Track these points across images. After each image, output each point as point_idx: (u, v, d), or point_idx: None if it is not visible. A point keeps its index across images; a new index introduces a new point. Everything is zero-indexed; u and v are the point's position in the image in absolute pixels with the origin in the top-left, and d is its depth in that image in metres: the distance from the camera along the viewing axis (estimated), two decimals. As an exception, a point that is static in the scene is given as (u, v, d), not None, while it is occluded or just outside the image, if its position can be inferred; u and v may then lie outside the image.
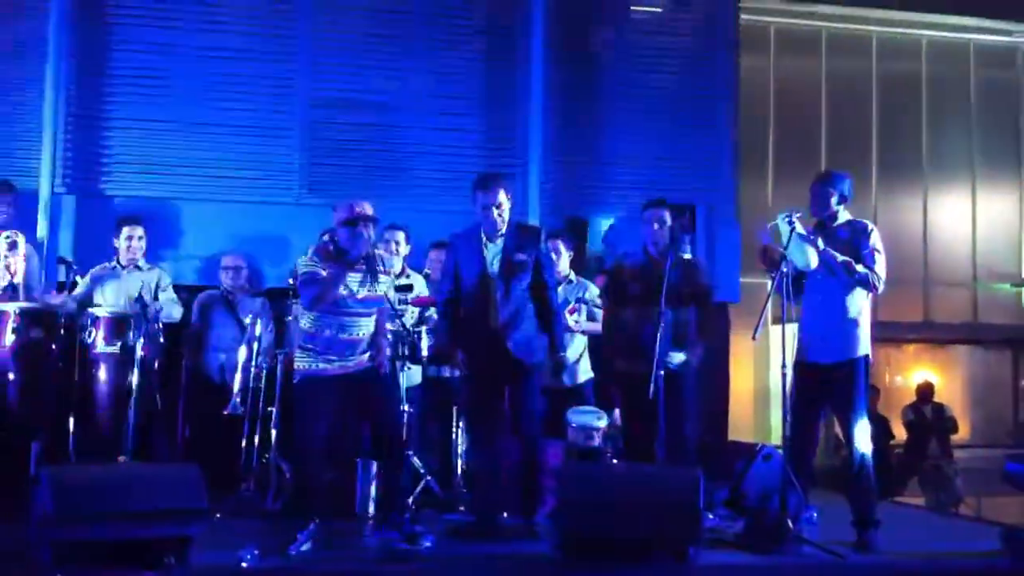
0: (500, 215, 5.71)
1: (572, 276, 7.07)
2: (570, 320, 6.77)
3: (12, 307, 5.84)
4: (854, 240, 5.71)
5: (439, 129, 8.95)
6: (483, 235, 5.77)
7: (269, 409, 6.18)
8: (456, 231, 6.06)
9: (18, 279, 6.27)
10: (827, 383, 5.64)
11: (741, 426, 9.94)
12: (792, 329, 5.79)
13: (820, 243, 5.63)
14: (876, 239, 5.73)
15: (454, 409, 6.60)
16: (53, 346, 5.84)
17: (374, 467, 5.87)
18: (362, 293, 5.31)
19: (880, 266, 5.65)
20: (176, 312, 6.70)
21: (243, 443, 6.40)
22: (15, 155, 8.19)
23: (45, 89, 8.20)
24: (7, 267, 6.25)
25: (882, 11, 12.39)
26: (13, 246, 6.32)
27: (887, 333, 11.71)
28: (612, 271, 6.42)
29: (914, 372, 12.66)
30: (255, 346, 6.55)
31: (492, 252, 5.75)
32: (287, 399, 6.08)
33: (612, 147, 9.33)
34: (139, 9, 8.55)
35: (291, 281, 6.97)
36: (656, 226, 6.20)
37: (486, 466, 5.80)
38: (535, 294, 5.77)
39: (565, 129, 9.22)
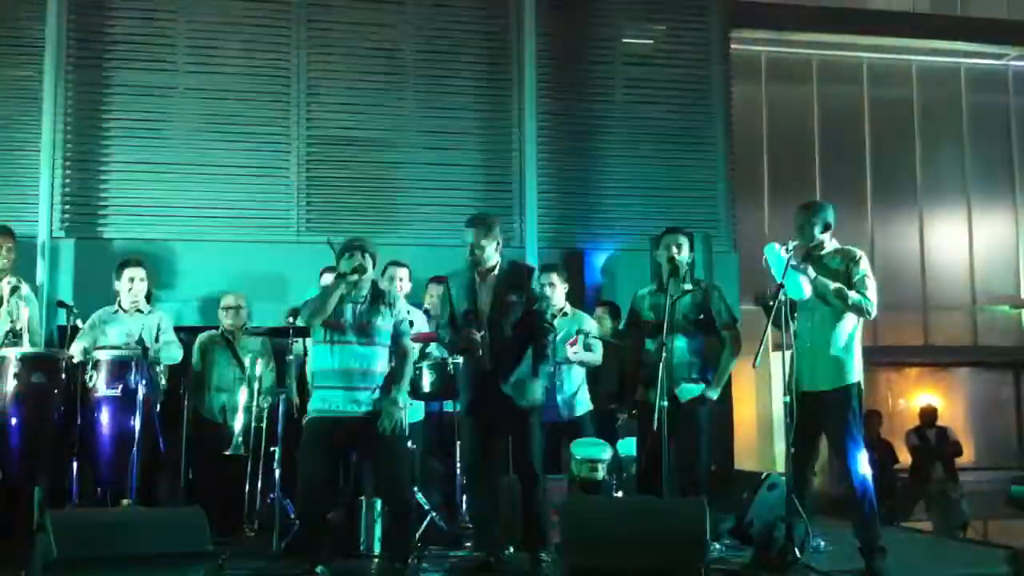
0: (480, 256, 5.69)
1: (568, 309, 7.07)
2: (568, 352, 6.77)
3: (13, 352, 5.84)
4: (844, 267, 5.71)
5: (435, 164, 9.02)
6: (475, 275, 5.76)
7: (272, 449, 6.15)
8: (453, 269, 6.07)
9: (20, 324, 6.28)
10: (821, 411, 5.63)
11: (745, 454, 9.93)
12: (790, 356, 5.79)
13: (811, 272, 5.63)
14: (866, 265, 5.74)
15: (457, 444, 6.58)
16: (55, 390, 5.82)
17: (378, 505, 5.85)
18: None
19: (872, 292, 5.65)
20: (177, 353, 6.69)
21: (246, 484, 6.38)
22: (13, 200, 8.25)
23: (42, 133, 8.28)
24: (9, 313, 6.26)
25: (872, 38, 12.47)
26: (15, 291, 6.33)
27: (888, 357, 11.75)
28: (634, 300, 6.38)
29: (916, 396, 12.65)
30: (255, 386, 6.54)
31: (484, 292, 5.73)
32: (289, 439, 6.07)
33: (607, 178, 9.40)
34: (134, 53, 8.63)
35: (290, 320, 6.99)
36: (671, 253, 6.16)
37: (485, 506, 5.76)
38: (526, 335, 5.70)
39: (560, 162, 9.29)
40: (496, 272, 5.73)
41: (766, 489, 6.29)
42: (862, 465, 5.53)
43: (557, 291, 6.95)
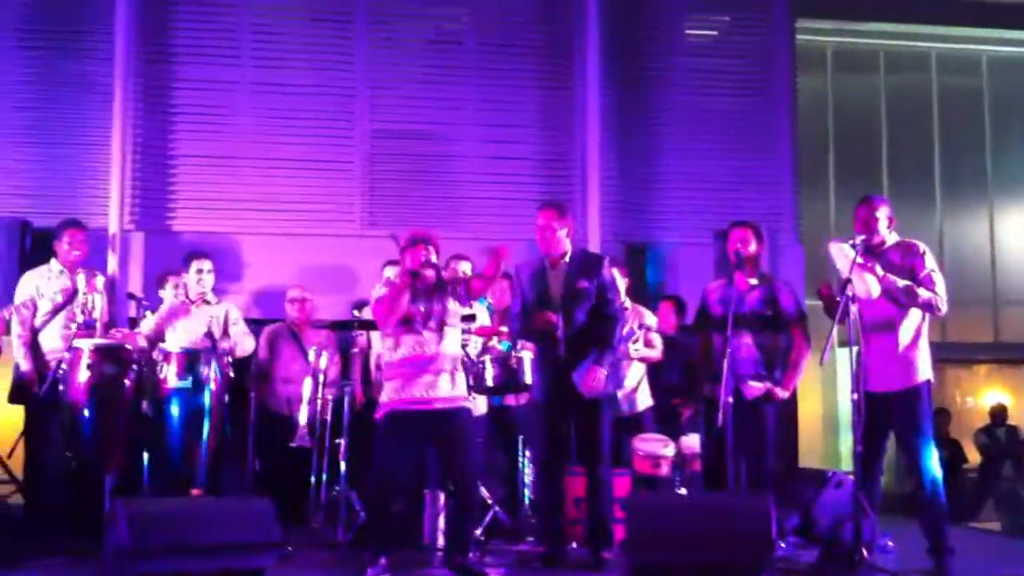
0: (550, 238, 5.69)
1: (628, 303, 7.04)
2: (629, 348, 6.74)
3: (87, 344, 5.95)
4: (908, 262, 5.60)
5: (497, 157, 9.04)
6: (546, 263, 5.77)
7: (337, 441, 6.21)
8: (522, 260, 6.07)
9: (96, 315, 6.39)
10: (890, 411, 5.54)
11: (810, 452, 9.82)
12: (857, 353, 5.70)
13: (879, 270, 5.53)
14: (931, 260, 5.62)
15: (520, 438, 6.60)
16: (126, 382, 5.93)
17: (442, 498, 5.88)
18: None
19: (941, 287, 5.54)
20: (249, 344, 6.77)
21: (312, 476, 6.45)
22: (84, 194, 8.41)
23: (112, 128, 8.40)
24: (84, 304, 6.38)
25: (940, 27, 12.22)
26: (91, 283, 6.45)
27: (956, 354, 11.51)
28: (703, 294, 6.35)
29: (986, 393, 12.40)
30: (320, 378, 6.60)
31: (554, 280, 5.74)
32: (354, 431, 6.12)
33: (670, 170, 9.34)
34: (202, 47, 8.76)
35: (355, 313, 7.05)
36: (736, 247, 6.10)
37: (553, 497, 5.77)
38: (597, 323, 5.71)
39: (622, 153, 9.25)
40: (567, 259, 5.73)
41: (833, 487, 6.21)
42: (932, 465, 5.45)
43: (621, 285, 6.92)
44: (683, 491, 6.28)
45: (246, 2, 8.88)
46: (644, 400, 6.92)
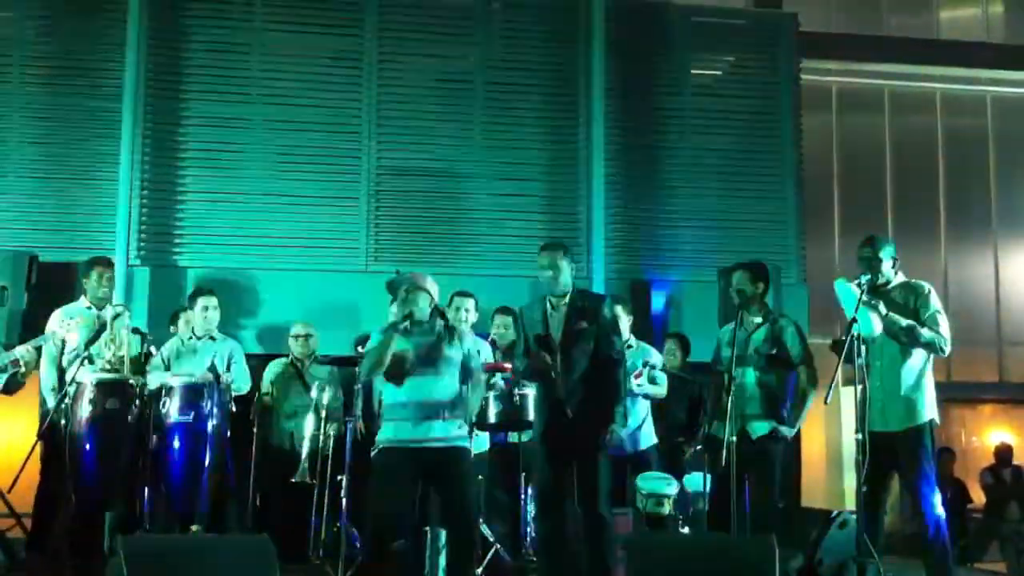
0: (556, 277, 5.69)
1: (632, 341, 7.04)
2: (633, 384, 6.73)
3: (89, 378, 5.95)
4: (913, 302, 5.59)
5: (502, 195, 9.07)
6: (547, 303, 5.76)
7: (339, 477, 6.18)
8: (526, 302, 6.07)
9: (122, 352, 6.40)
10: (893, 451, 5.51)
11: (814, 491, 9.76)
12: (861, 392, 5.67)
13: (882, 308, 5.53)
14: (936, 300, 5.62)
15: (522, 476, 6.57)
16: (129, 416, 5.92)
17: (443, 536, 5.84)
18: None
19: (944, 328, 5.54)
20: (245, 386, 6.79)
21: (313, 512, 6.43)
22: (91, 229, 8.44)
23: (120, 163, 8.46)
24: (112, 339, 6.38)
25: (945, 68, 12.31)
26: (118, 318, 6.46)
27: (961, 394, 11.49)
28: (719, 336, 6.34)
29: (990, 433, 12.34)
30: (323, 413, 6.59)
31: (556, 320, 5.73)
32: (356, 467, 6.10)
33: (675, 210, 9.38)
34: (210, 85, 8.81)
35: (358, 349, 7.05)
36: (739, 287, 6.07)
37: (553, 536, 5.73)
38: (598, 365, 5.70)
39: (628, 192, 9.29)
40: (567, 300, 5.74)
41: (837, 527, 6.17)
42: (935, 505, 5.42)
43: (622, 323, 6.93)
44: (686, 530, 6.25)
45: (256, 40, 8.95)
46: (648, 438, 6.89)
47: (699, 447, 6.36)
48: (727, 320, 6.12)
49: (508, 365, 6.31)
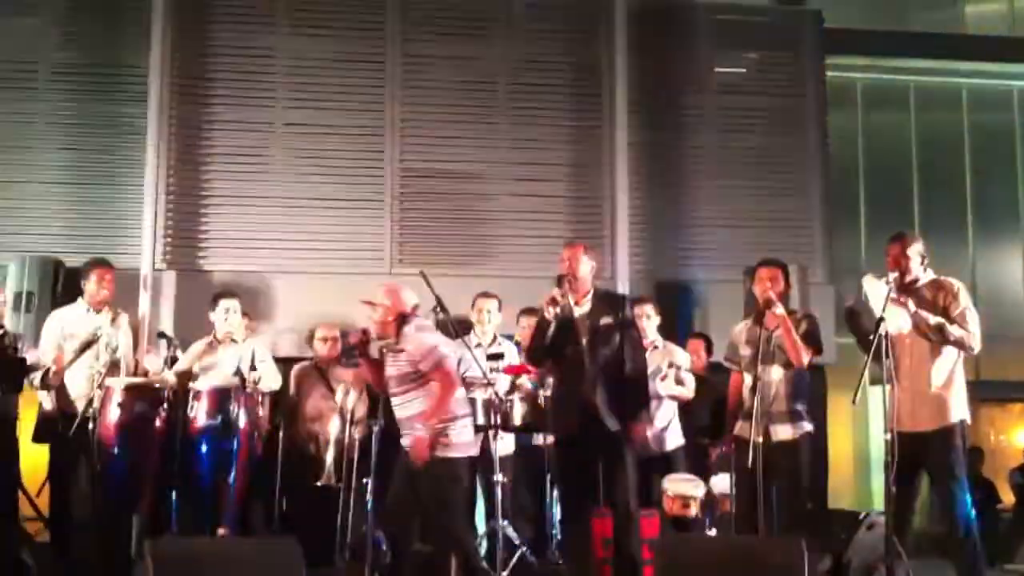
0: (576, 272, 5.68)
1: (659, 342, 7.01)
2: (659, 387, 6.71)
3: (118, 382, 5.98)
4: (942, 300, 5.53)
5: (526, 196, 9.05)
6: (570, 301, 5.75)
7: (364, 480, 6.19)
8: None
9: (119, 354, 6.43)
10: (923, 451, 5.45)
11: (841, 492, 9.69)
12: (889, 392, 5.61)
13: (911, 306, 5.47)
14: (966, 297, 5.55)
15: (547, 477, 6.56)
16: (157, 420, 5.95)
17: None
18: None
19: (974, 325, 5.47)
20: (275, 382, 6.79)
21: (339, 515, 6.43)
22: (116, 233, 8.50)
23: (145, 168, 8.50)
24: (107, 344, 6.41)
25: (972, 63, 12.17)
26: (115, 322, 6.49)
27: (990, 392, 11.33)
28: (732, 334, 6.30)
29: (1020, 432, 12.21)
30: (348, 417, 6.59)
31: (579, 318, 5.72)
32: (382, 470, 6.10)
33: (700, 209, 9.34)
34: (234, 90, 8.85)
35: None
36: (764, 285, 6.05)
37: (580, 536, 5.72)
38: (622, 363, 5.68)
39: (652, 192, 9.26)
40: (590, 298, 5.72)
41: (865, 529, 6.13)
42: (966, 506, 5.36)
43: (651, 323, 6.92)
44: (713, 532, 6.22)
45: (280, 45, 8.98)
46: (675, 439, 6.88)
47: (724, 448, 6.31)
48: (758, 319, 6.05)
49: (532, 368, 6.30)
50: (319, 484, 6.39)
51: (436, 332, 5.65)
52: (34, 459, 6.53)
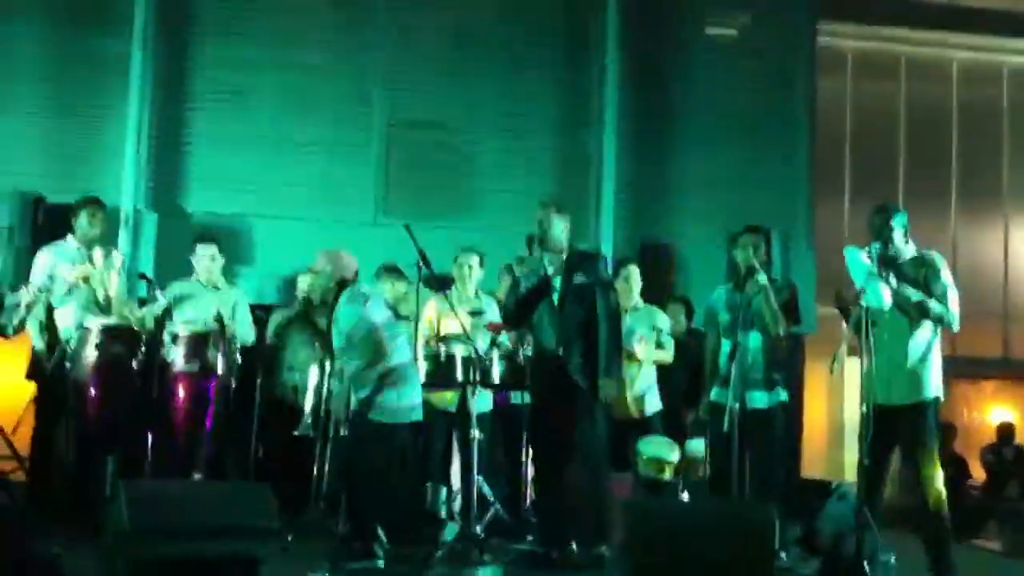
0: (547, 231, 5.71)
1: (640, 304, 7.02)
2: (637, 350, 6.72)
3: (96, 323, 5.94)
4: (924, 275, 5.54)
5: (513, 151, 8.99)
6: (544, 260, 5.77)
7: (341, 433, 6.19)
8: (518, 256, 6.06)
9: (112, 292, 6.37)
10: (896, 425, 5.49)
11: (814, 461, 9.79)
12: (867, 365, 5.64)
13: (893, 281, 5.47)
14: (948, 274, 5.54)
15: (524, 436, 6.58)
16: (133, 363, 5.92)
17: (444, 492, 5.88)
18: None
19: (955, 302, 5.47)
20: (249, 337, 6.77)
21: (315, 465, 6.43)
22: (98, 173, 8.39)
23: (128, 108, 8.40)
24: (101, 282, 6.34)
25: (963, 35, 12.12)
26: (107, 259, 6.42)
27: (965, 369, 11.40)
28: (712, 298, 6.32)
29: (993, 410, 12.30)
30: (327, 367, 6.57)
31: (551, 279, 5.75)
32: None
33: (686, 170, 9.31)
34: (220, 27, 8.73)
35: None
36: (747, 252, 6.05)
37: (553, 495, 5.77)
38: (595, 321, 5.69)
39: (639, 153, 9.22)
40: (564, 256, 5.74)
41: (836, 499, 6.18)
42: (936, 481, 5.41)
43: (634, 285, 6.93)
44: (685, 496, 6.27)
45: (267, -16, 8.85)
46: (653, 404, 6.90)
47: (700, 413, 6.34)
48: (739, 285, 6.06)
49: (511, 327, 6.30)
50: (296, 434, 6.38)
51: (369, 301, 5.61)
52: (10, 398, 6.50)
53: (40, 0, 8.57)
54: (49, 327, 6.32)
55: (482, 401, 6.42)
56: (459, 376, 6.09)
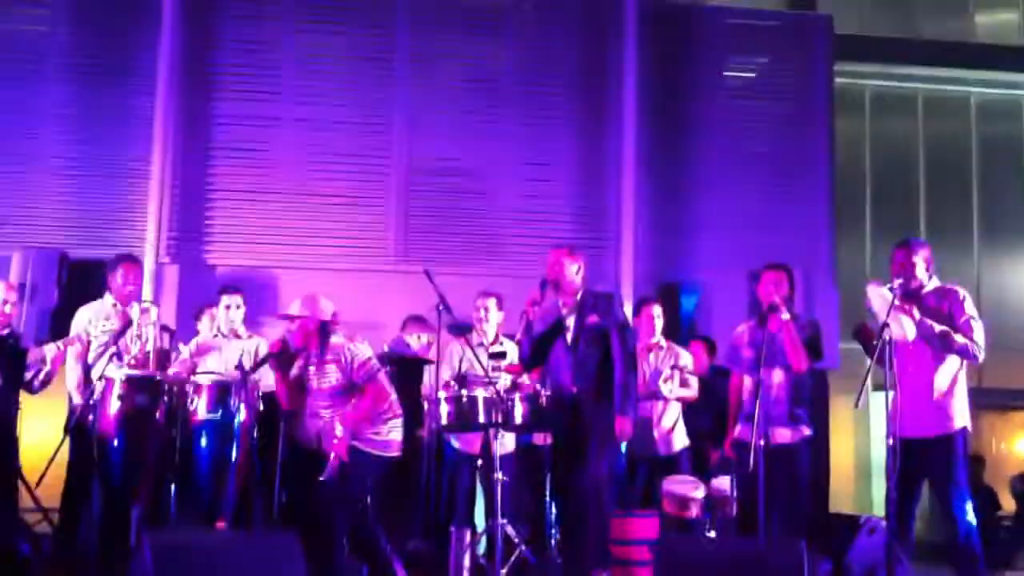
0: (561, 278, 5.76)
1: (663, 342, 7.01)
2: (663, 388, 6.71)
3: (118, 374, 5.97)
4: (947, 308, 5.51)
5: (532, 196, 9.05)
6: (559, 303, 5.81)
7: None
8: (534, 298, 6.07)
9: (148, 347, 6.41)
10: (924, 458, 5.43)
11: (842, 497, 9.68)
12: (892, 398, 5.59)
13: (916, 313, 5.45)
14: (971, 306, 5.52)
15: (547, 477, 6.53)
16: (157, 412, 5.94)
17: (468, 535, 5.84)
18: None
19: (979, 334, 5.44)
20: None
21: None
22: (121, 226, 8.49)
23: (152, 161, 8.49)
24: (138, 335, 6.40)
25: (980, 71, 12.15)
26: (146, 314, 6.47)
27: (993, 400, 11.31)
28: (734, 336, 6.30)
29: (1021, 440, 12.17)
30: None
31: (564, 321, 5.77)
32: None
33: (706, 211, 9.33)
34: (243, 84, 8.86)
35: (385, 348, 7.07)
36: (770, 289, 6.03)
37: (576, 535, 5.73)
38: (607, 362, 5.72)
39: (658, 194, 9.26)
40: (578, 298, 5.79)
41: (865, 534, 6.10)
42: (967, 513, 5.34)
43: (657, 324, 6.92)
44: (713, 534, 6.20)
45: (289, 40, 8.98)
46: (680, 440, 6.87)
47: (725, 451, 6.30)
48: (761, 322, 6.04)
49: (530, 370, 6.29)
50: (322, 480, 6.35)
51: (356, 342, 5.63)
52: (35, 450, 6.53)
53: (62, 57, 8.71)
54: (86, 384, 6.38)
55: (505, 442, 6.41)
56: (481, 418, 6.07)
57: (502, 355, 6.52)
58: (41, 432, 6.86)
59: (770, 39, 9.83)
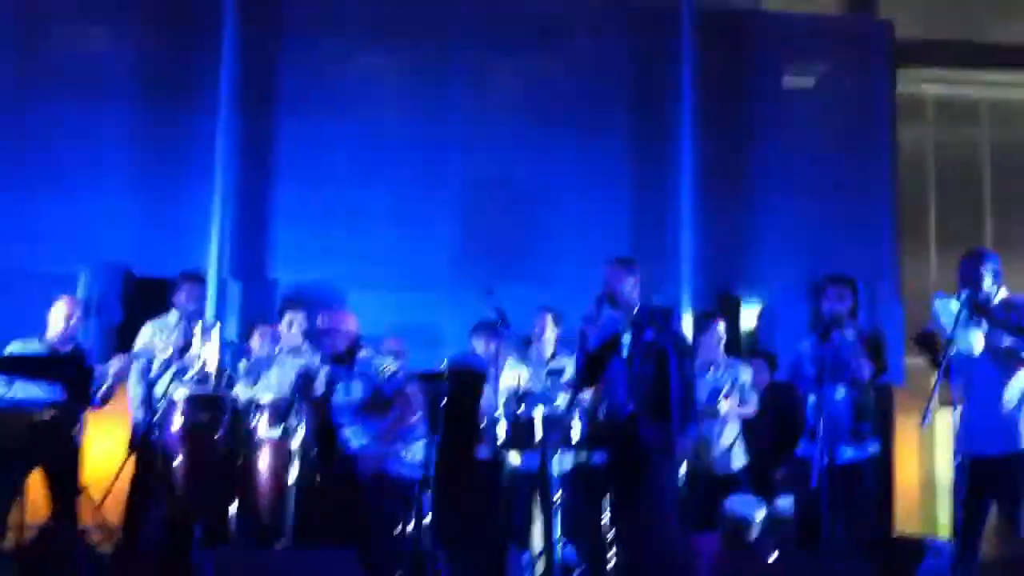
0: (617, 293, 5.72)
1: (723, 359, 6.94)
2: (723, 405, 6.64)
3: (181, 392, 6.05)
4: (1016, 320, 5.38)
5: (589, 210, 9.00)
6: (615, 318, 5.77)
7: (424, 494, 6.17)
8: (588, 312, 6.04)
9: (210, 367, 6.50)
10: (992, 476, 5.32)
11: (908, 518, 9.49)
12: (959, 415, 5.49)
13: (985, 326, 5.34)
14: None
15: (608, 496, 6.50)
16: (219, 430, 6.00)
17: (526, 555, 5.83)
18: None
19: (1048, 346, 5.32)
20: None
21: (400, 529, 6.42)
22: (185, 243, 8.58)
23: (214, 179, 8.59)
24: (201, 353, 6.49)
25: (1049, 76, 11.88)
26: (208, 334, 6.56)
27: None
28: (797, 351, 6.23)
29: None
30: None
31: (620, 336, 5.72)
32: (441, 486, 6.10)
33: (766, 222, 9.22)
34: (302, 99, 8.92)
35: (444, 363, 7.07)
36: (834, 302, 5.95)
37: (635, 556, 5.68)
38: (663, 377, 5.66)
39: (717, 204, 9.16)
40: (635, 314, 5.74)
41: (931, 557, 6.00)
42: (1035, 535, 5.22)
43: (719, 340, 6.86)
44: (775, 555, 6.12)
45: (349, 59, 9.03)
46: (739, 459, 6.80)
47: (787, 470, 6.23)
48: (824, 337, 5.96)
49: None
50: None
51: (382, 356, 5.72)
52: (99, 468, 6.63)
53: (125, 77, 8.85)
54: (147, 399, 6.47)
55: (564, 460, 6.37)
56: (539, 436, 6.05)
57: (560, 372, 6.52)
58: (105, 448, 6.96)
59: (830, 45, 9.69)
